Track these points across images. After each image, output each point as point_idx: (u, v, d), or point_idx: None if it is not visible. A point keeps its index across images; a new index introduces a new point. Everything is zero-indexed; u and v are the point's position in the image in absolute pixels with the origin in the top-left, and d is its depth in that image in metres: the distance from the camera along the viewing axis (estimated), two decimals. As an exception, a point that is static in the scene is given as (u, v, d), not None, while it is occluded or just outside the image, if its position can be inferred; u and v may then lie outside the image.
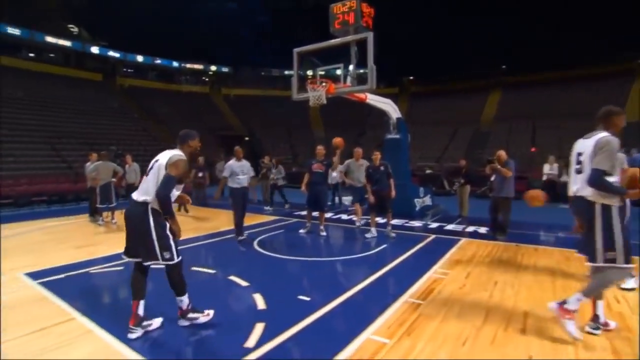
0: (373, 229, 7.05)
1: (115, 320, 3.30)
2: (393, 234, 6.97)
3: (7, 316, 3.49)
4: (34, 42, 27.96)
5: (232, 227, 7.03)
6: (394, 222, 7.18)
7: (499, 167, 6.56)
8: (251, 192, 7.20)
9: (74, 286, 4.35)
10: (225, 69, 38.92)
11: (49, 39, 28.62)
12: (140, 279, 3.17)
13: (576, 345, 2.91)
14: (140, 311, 3.12)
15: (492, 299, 3.90)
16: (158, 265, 3.07)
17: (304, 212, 7.92)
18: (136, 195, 3.09)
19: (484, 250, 5.95)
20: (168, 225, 3.09)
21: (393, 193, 6.88)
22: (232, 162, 6.78)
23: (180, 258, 3.14)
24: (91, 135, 19.85)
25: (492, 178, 6.79)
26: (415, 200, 9.41)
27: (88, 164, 9.00)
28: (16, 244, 6.63)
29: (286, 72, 36.81)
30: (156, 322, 3.24)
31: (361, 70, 7.84)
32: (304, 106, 26.68)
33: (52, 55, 29.22)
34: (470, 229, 7.71)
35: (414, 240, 6.65)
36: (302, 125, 31.16)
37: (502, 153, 6.76)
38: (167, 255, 3.04)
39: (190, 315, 3.24)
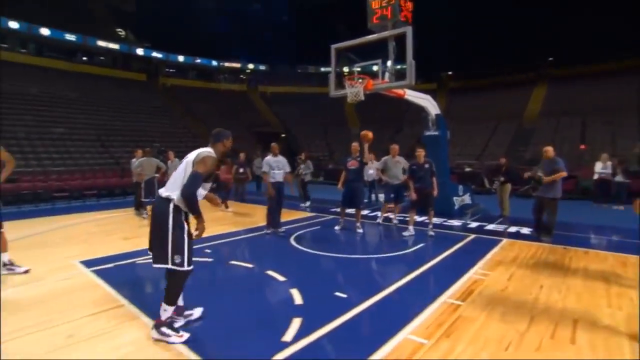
0: (411, 227, 6.94)
1: (159, 309, 3.45)
2: (432, 233, 6.83)
3: (68, 299, 3.78)
4: (87, 46, 29.77)
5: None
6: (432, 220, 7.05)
7: (546, 178, 6.15)
8: (289, 188, 7.34)
9: (122, 275, 4.60)
10: (262, 67, 39.53)
11: (100, 43, 30.35)
12: None
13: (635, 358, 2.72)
14: (180, 302, 3.23)
15: (537, 303, 3.72)
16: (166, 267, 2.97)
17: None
18: (162, 191, 3.03)
19: (527, 252, 5.69)
20: (187, 227, 2.98)
21: (436, 192, 6.75)
22: (268, 157, 6.99)
23: (190, 267, 2.97)
24: (136, 132, 20.88)
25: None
26: (454, 198, 9.16)
27: (133, 160, 9.48)
28: (71, 234, 7.12)
29: (322, 69, 36.82)
30: (197, 311, 3.35)
31: (399, 66, 7.71)
32: (340, 103, 26.78)
33: (102, 58, 30.98)
34: (513, 229, 7.39)
35: (453, 240, 6.48)
36: (339, 122, 31.11)
37: (550, 149, 6.40)
38: (177, 259, 2.91)
39: (164, 329, 2.97)
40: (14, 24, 25.56)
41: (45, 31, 27.06)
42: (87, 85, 24.74)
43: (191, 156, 3.03)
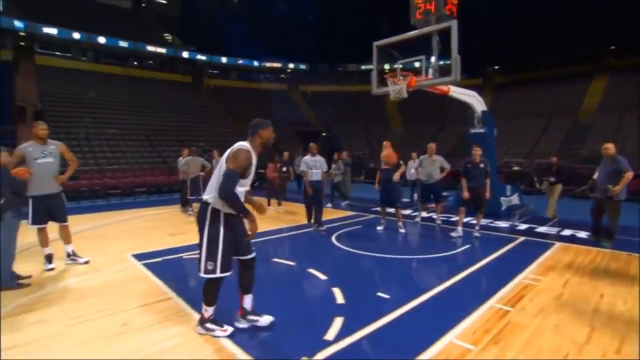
0: (459, 228, 6.73)
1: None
2: (478, 234, 6.61)
3: (123, 289, 4.04)
4: (138, 51, 31.60)
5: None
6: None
7: (615, 189, 5.54)
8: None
9: (170, 269, 4.83)
10: (302, 66, 39.91)
11: (149, 48, 32.08)
12: (242, 274, 3.12)
13: None
14: (246, 304, 3.16)
15: (597, 314, 3.46)
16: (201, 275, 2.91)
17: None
18: (204, 194, 2.95)
19: (584, 258, 5.32)
20: (223, 231, 2.85)
21: (488, 194, 6.51)
22: (307, 157, 7.33)
23: (224, 274, 2.88)
24: (182, 132, 21.82)
25: (595, 176, 6.00)
26: (502, 199, 8.77)
27: (180, 159, 9.92)
28: (124, 229, 7.59)
29: (363, 67, 36.67)
30: (265, 319, 3.17)
31: (443, 62, 7.50)
32: (381, 100, 26.48)
33: (150, 62, 32.71)
34: (567, 232, 6.94)
35: (501, 242, 6.20)
36: (380, 120, 30.80)
37: (610, 146, 5.88)
38: (210, 265, 2.83)
39: (208, 325, 3.02)
40: (76, 35, 27.75)
41: (102, 39, 29.10)
42: (137, 88, 26.22)
43: (226, 153, 2.90)
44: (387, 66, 12.84)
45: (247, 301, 3.16)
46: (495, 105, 24.91)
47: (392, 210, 7.46)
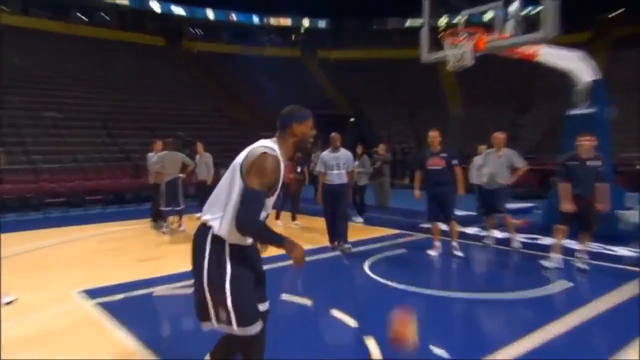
0: (555, 255, 6.53)
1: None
2: (585, 266, 6.41)
3: (66, 341, 4.04)
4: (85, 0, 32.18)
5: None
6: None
7: None
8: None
9: (135, 311, 4.87)
10: (321, 24, 40.10)
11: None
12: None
13: None
14: None
15: None
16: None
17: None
18: (203, 210, 2.76)
19: None
20: (231, 268, 2.59)
21: (603, 205, 6.24)
22: (325, 153, 7.47)
23: (247, 329, 2.55)
24: (153, 117, 22.25)
25: None
26: (620, 212, 8.52)
27: (151, 154, 10.08)
28: (70, 253, 7.74)
29: (408, 24, 36.60)
30: None
31: (527, 11, 7.42)
32: (433, 71, 26.23)
33: (105, 16, 33.35)
34: None
35: (621, 278, 5.98)
36: (431, 99, 30.62)
37: None
38: (222, 314, 2.54)
39: None
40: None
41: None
42: (88, 54, 26.86)
43: (240, 157, 2.66)
44: (443, 20, 12.77)
45: None
46: (611, 72, 24.19)
47: (447, 227, 7.41)
